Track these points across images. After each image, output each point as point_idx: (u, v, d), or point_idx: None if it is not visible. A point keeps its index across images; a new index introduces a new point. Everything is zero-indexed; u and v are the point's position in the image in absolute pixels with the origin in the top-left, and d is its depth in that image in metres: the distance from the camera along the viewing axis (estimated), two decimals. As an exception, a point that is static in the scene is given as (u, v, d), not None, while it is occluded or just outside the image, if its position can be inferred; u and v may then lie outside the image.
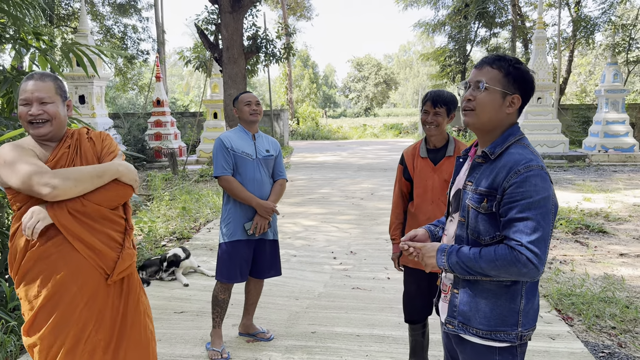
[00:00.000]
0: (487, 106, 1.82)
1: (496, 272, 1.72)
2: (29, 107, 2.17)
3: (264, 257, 3.70)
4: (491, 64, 1.83)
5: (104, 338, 2.23)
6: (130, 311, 2.34)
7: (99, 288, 2.21)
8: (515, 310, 1.81)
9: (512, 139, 1.84)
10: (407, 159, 3.16)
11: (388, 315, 4.28)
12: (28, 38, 4.77)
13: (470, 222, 1.84)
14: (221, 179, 3.54)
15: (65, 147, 2.25)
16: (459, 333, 1.88)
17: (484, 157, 1.86)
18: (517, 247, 1.68)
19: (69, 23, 22.87)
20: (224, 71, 12.16)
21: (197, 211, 8.60)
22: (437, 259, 1.85)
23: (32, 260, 2.12)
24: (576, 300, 4.46)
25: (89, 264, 2.19)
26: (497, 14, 25.28)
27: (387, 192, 10.58)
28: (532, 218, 1.68)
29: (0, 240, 4.48)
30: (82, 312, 2.17)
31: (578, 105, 22.79)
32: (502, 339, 1.81)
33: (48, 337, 2.13)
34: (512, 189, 1.72)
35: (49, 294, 2.12)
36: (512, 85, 1.82)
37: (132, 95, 39.04)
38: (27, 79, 2.20)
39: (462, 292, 1.87)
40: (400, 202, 3.21)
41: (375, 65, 59.73)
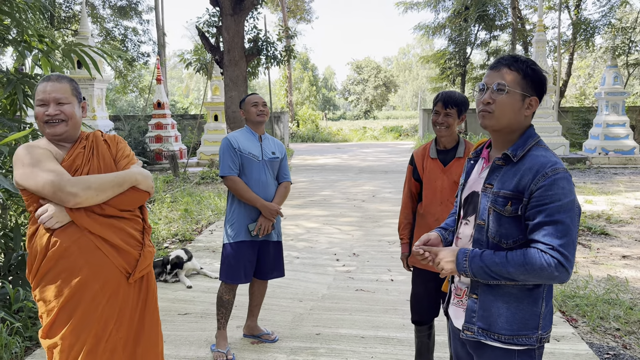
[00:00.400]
0: (508, 109, 1.80)
1: (525, 277, 1.70)
2: (45, 108, 2.19)
3: (268, 258, 3.70)
4: (509, 65, 1.81)
5: (124, 336, 2.24)
6: (149, 309, 2.36)
7: (119, 286, 2.23)
8: (536, 314, 1.79)
9: (531, 141, 1.83)
10: (416, 160, 3.16)
11: (392, 317, 4.28)
12: (31, 40, 4.78)
13: (492, 226, 1.81)
14: (227, 178, 3.54)
15: (80, 147, 2.26)
16: (479, 339, 1.84)
17: (504, 160, 1.83)
18: (548, 250, 1.66)
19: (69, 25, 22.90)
20: (225, 73, 12.17)
21: (198, 213, 8.60)
22: (458, 264, 1.81)
23: (53, 260, 2.12)
24: (580, 302, 4.46)
25: (110, 262, 2.20)
26: (497, 17, 25.32)
27: (388, 195, 10.59)
28: (562, 221, 1.67)
29: (4, 242, 4.48)
30: (103, 311, 2.18)
31: (578, 107, 22.83)
32: (523, 342, 1.79)
33: (69, 337, 2.13)
34: (540, 192, 1.70)
35: (71, 293, 2.13)
36: (530, 87, 1.81)
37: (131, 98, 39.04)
38: (44, 80, 2.22)
39: (482, 296, 1.84)
40: (409, 203, 3.22)
41: (375, 68, 59.86)
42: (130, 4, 25.30)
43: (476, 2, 24.10)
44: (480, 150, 2.04)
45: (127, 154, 2.39)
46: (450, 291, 2.06)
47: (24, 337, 3.77)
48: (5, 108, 4.91)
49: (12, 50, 4.97)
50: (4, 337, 3.50)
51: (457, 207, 2.07)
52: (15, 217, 5.51)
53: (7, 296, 4.13)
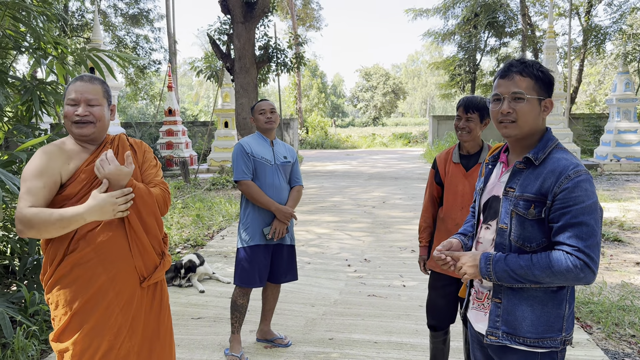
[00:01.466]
0: (529, 116, 1.81)
1: (551, 279, 1.70)
2: (75, 108, 2.17)
3: (282, 262, 3.72)
4: (520, 72, 1.81)
5: (137, 344, 2.23)
6: (162, 317, 2.36)
7: (134, 294, 2.22)
8: (560, 316, 1.80)
9: (551, 144, 1.84)
10: (439, 164, 3.15)
11: (405, 323, 4.27)
12: (47, 47, 4.85)
13: (515, 229, 1.81)
14: (241, 183, 3.58)
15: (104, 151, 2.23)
16: (505, 343, 1.83)
17: (525, 163, 1.84)
18: (574, 252, 1.67)
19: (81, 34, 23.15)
20: (235, 80, 12.25)
21: (210, 219, 8.64)
22: (481, 268, 1.81)
23: (70, 265, 2.11)
24: (594, 308, 4.43)
25: (127, 270, 2.20)
26: (507, 24, 25.32)
27: (399, 201, 10.58)
28: (587, 223, 1.68)
29: (20, 247, 4.54)
30: (117, 318, 2.17)
31: (589, 114, 22.71)
32: (548, 345, 1.79)
33: (81, 342, 2.11)
34: (564, 195, 1.70)
35: (86, 299, 2.12)
36: (543, 89, 1.83)
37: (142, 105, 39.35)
38: (76, 79, 2.21)
39: (506, 300, 1.83)
40: (430, 207, 3.21)
41: (384, 75, 59.85)
42: (141, 12, 25.55)
43: (486, 9, 24.13)
44: (498, 154, 2.04)
45: (155, 164, 2.41)
46: (468, 295, 2.06)
47: (39, 340, 3.80)
48: (21, 114, 4.98)
49: (28, 58, 5.05)
50: (21, 340, 3.53)
51: (476, 211, 2.07)
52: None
53: (23, 299, 4.17)
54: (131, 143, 2.39)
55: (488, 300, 1.91)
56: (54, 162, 2.13)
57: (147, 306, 2.29)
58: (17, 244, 4.46)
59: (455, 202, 3.01)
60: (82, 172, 2.17)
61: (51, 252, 2.15)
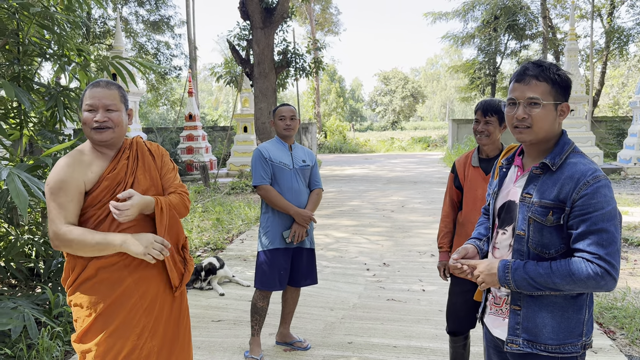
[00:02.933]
0: (545, 122, 1.78)
1: (571, 287, 1.68)
2: (94, 114, 2.18)
3: (301, 266, 3.74)
4: (537, 77, 1.77)
5: (157, 344, 2.26)
6: (182, 319, 2.40)
7: (157, 296, 2.27)
8: (581, 321, 1.78)
9: (568, 148, 1.81)
10: (458, 168, 3.13)
11: (425, 327, 4.25)
12: (71, 54, 4.96)
13: (533, 236, 1.79)
14: (260, 188, 3.61)
15: (124, 158, 2.27)
16: (526, 351, 1.81)
17: (542, 168, 1.81)
18: (594, 260, 1.64)
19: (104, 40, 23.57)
20: (254, 85, 12.34)
21: (229, 222, 8.70)
22: (500, 277, 1.78)
23: (95, 269, 2.15)
24: (618, 314, 4.36)
25: (151, 272, 2.24)
26: (528, 26, 25.06)
27: (418, 205, 10.53)
28: (606, 229, 1.65)
29: (44, 250, 4.63)
30: (140, 319, 2.21)
31: (612, 117, 22.34)
32: (570, 351, 1.77)
33: (104, 344, 2.15)
34: (583, 201, 1.68)
35: (111, 300, 2.15)
36: (560, 93, 1.80)
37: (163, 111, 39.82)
38: (93, 85, 2.22)
39: (525, 307, 1.82)
40: (450, 211, 3.18)
41: (402, 78, 59.71)
42: (162, 18, 25.91)
43: (506, 11, 23.93)
44: (512, 157, 2.01)
45: (172, 167, 2.44)
46: (485, 300, 2.05)
47: (63, 341, 3.87)
48: (46, 120, 5.09)
49: (52, 64, 5.17)
50: (45, 341, 3.60)
51: (490, 215, 2.04)
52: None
53: (47, 301, 4.26)
54: (149, 147, 2.41)
55: (506, 305, 1.88)
56: (77, 173, 2.15)
57: (168, 308, 2.32)
58: (42, 247, 4.55)
59: (475, 206, 2.99)
60: (104, 180, 2.19)
61: (74, 256, 2.18)
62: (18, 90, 4.09)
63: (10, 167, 3.27)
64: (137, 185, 2.25)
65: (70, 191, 2.12)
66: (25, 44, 4.78)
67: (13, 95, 3.95)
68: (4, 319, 3.45)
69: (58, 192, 2.11)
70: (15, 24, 4.80)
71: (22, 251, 4.85)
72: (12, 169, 3.13)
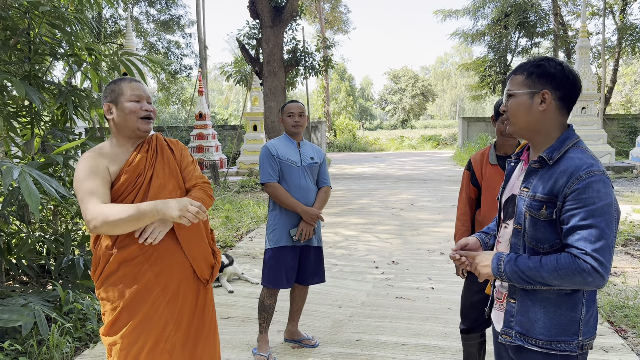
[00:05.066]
0: (517, 111, 1.82)
1: (559, 282, 1.67)
2: (141, 104, 2.28)
3: (309, 264, 3.73)
4: (515, 72, 1.85)
5: (182, 337, 2.30)
6: (207, 312, 2.43)
7: (179, 289, 2.30)
8: (576, 319, 1.75)
9: (569, 143, 1.79)
10: (475, 165, 3.07)
11: (433, 325, 4.23)
12: (81, 53, 4.99)
13: (528, 230, 1.79)
14: (267, 185, 3.60)
15: (143, 151, 2.32)
16: (517, 343, 1.82)
17: (540, 162, 1.80)
18: (581, 255, 1.63)
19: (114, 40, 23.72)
20: (264, 84, 12.37)
21: (239, 220, 8.73)
22: (493, 268, 1.80)
23: (117, 263, 2.19)
24: (629, 312, 4.31)
25: (171, 265, 2.27)
26: (539, 24, 24.87)
27: (427, 203, 10.50)
28: (596, 225, 1.62)
29: (55, 247, 4.67)
30: (163, 312, 2.24)
31: (624, 115, 22.11)
32: (562, 349, 1.76)
33: (129, 336, 2.20)
34: (574, 196, 1.66)
35: (133, 294, 2.19)
36: (537, 82, 1.79)
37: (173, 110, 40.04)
38: (130, 80, 2.31)
39: (519, 301, 1.82)
40: (467, 210, 3.12)
41: (412, 77, 59.50)
42: (173, 18, 26.04)
43: (516, 8, 23.76)
44: (521, 152, 2.01)
45: (192, 160, 2.49)
46: (493, 295, 2.05)
47: (73, 337, 3.91)
48: (56, 119, 5.13)
49: (63, 64, 5.21)
50: (55, 337, 3.64)
51: (498, 209, 2.05)
52: (66, 223, 5.74)
53: (58, 298, 4.29)
54: (168, 142, 2.47)
55: (506, 301, 1.89)
56: (101, 163, 2.22)
57: (192, 301, 2.36)
58: (53, 245, 4.59)
59: (494, 204, 2.91)
60: (124, 173, 2.24)
61: (99, 251, 2.24)
62: (29, 88, 4.13)
63: (22, 165, 3.30)
64: (155, 177, 2.30)
65: (98, 177, 2.17)
66: (36, 43, 4.82)
67: (24, 94, 3.99)
68: (14, 315, 3.49)
69: (86, 179, 2.15)
70: (26, 23, 4.84)
71: (33, 248, 4.90)
72: (24, 167, 3.15)
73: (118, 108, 2.27)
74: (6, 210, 4.37)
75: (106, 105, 2.30)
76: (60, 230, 5.31)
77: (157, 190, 2.27)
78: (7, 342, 3.50)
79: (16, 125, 4.73)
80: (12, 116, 4.60)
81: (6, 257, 4.44)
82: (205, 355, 2.40)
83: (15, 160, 4.80)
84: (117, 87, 2.28)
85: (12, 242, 4.74)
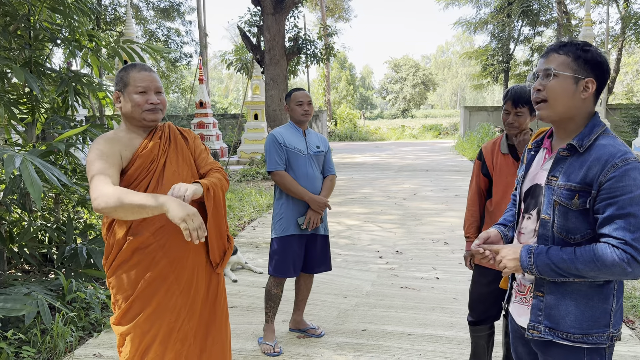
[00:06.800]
0: (560, 94, 1.71)
1: (595, 274, 1.61)
2: (146, 96, 2.23)
3: (315, 252, 3.69)
4: (557, 50, 1.73)
5: (194, 326, 2.28)
6: (219, 300, 2.40)
7: (192, 277, 2.27)
8: (607, 311, 1.70)
9: (598, 130, 1.72)
10: (486, 155, 3.01)
11: (439, 315, 4.20)
12: (82, 39, 4.92)
13: (558, 220, 1.71)
14: (275, 174, 3.55)
15: (156, 137, 2.29)
16: (547, 338, 1.76)
17: (569, 150, 1.73)
18: (620, 245, 1.56)
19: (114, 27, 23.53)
20: (265, 72, 12.27)
21: (241, 210, 8.70)
22: (522, 261, 1.71)
23: (130, 251, 2.16)
24: (637, 303, 4.28)
25: (185, 254, 2.23)
26: (542, 12, 24.69)
27: (430, 193, 10.46)
28: (635, 214, 1.56)
29: (57, 236, 4.63)
30: (176, 301, 2.22)
31: (627, 104, 22.01)
32: (594, 341, 1.70)
33: (142, 325, 2.17)
34: (610, 184, 1.59)
35: (146, 283, 2.16)
36: (584, 68, 1.70)
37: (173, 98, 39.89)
38: (140, 69, 2.25)
39: (548, 294, 1.75)
40: (476, 200, 3.06)
41: (413, 66, 59.25)
42: (172, 5, 25.81)
43: (519, -3, 23.57)
44: (541, 140, 1.93)
45: (204, 148, 2.47)
46: (510, 289, 1.99)
47: (77, 326, 3.88)
48: (57, 106, 5.07)
49: (63, 50, 5.13)
50: (59, 327, 3.61)
51: (517, 200, 1.97)
52: (68, 211, 5.70)
53: (61, 287, 4.26)
54: (181, 131, 2.44)
55: (531, 293, 1.83)
56: (114, 147, 2.19)
57: (204, 289, 2.33)
58: (55, 233, 4.55)
59: (505, 194, 2.86)
60: (137, 158, 2.22)
61: (112, 238, 2.20)
62: (28, 75, 4.06)
63: (23, 153, 3.25)
64: (169, 164, 2.28)
65: (109, 159, 2.14)
66: (36, 29, 4.74)
67: (23, 79, 3.93)
68: (17, 304, 3.45)
69: (98, 160, 2.12)
70: (27, 9, 4.76)
71: (36, 237, 4.86)
72: (26, 156, 3.10)
73: (125, 98, 2.25)
74: (8, 199, 4.32)
75: (115, 93, 2.28)
76: (62, 218, 5.27)
77: (172, 177, 2.25)
78: (11, 332, 3.47)
79: (16, 113, 4.67)
80: (13, 103, 4.53)
81: (8, 245, 4.40)
82: (216, 344, 2.38)
83: (17, 148, 4.74)
84: (126, 76, 2.25)
85: (14, 231, 4.69)
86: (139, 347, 2.19)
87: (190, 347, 2.26)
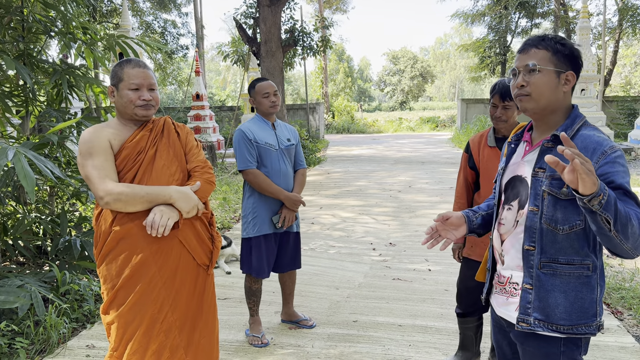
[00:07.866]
0: (544, 88, 1.74)
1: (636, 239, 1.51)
2: (138, 93, 2.26)
3: (287, 250, 3.66)
4: (536, 45, 1.76)
5: (179, 318, 2.30)
6: (207, 295, 2.43)
7: (176, 269, 2.30)
8: (594, 300, 1.73)
9: (579, 121, 1.77)
10: (473, 148, 3.03)
11: (430, 306, 4.25)
12: (76, 32, 4.92)
13: (547, 211, 1.73)
14: (246, 172, 3.41)
15: (146, 130, 2.33)
16: (537, 331, 1.77)
17: (554, 141, 1.76)
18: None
19: (110, 19, 23.42)
20: (261, 65, 12.26)
21: (236, 202, 8.72)
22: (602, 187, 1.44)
23: (115, 240, 2.20)
24: (626, 294, 4.33)
25: (169, 245, 2.27)
26: (539, 4, 24.64)
27: (425, 185, 10.49)
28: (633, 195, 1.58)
29: (51, 228, 4.65)
30: (160, 292, 2.24)
31: (623, 97, 22.02)
32: (584, 332, 1.73)
33: (126, 315, 2.21)
34: (604, 169, 1.62)
35: (130, 272, 2.20)
36: (563, 62, 1.75)
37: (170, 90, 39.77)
38: (134, 65, 2.29)
39: (537, 287, 1.77)
40: (464, 193, 3.08)
41: (411, 58, 59.07)
42: (169, -4, 25.69)
43: (517, -11, 23.50)
44: (521, 133, 1.97)
45: (196, 145, 2.50)
46: (491, 280, 2.02)
47: (70, 318, 3.91)
48: (52, 98, 5.08)
49: (57, 42, 5.13)
50: (52, 318, 3.64)
51: (497, 192, 2.00)
52: (62, 204, 5.72)
53: (54, 279, 4.29)
54: (176, 126, 2.48)
55: (510, 284, 1.86)
56: (103, 136, 2.25)
57: (190, 282, 2.35)
58: (49, 225, 4.58)
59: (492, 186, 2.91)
60: (124, 149, 2.26)
61: (99, 228, 2.25)
62: (20, 66, 4.07)
63: (16, 146, 3.26)
64: (159, 157, 2.32)
65: (101, 152, 2.20)
66: (29, 21, 4.74)
67: (14, 68, 3.95)
68: (11, 296, 3.48)
69: (90, 155, 2.18)
70: (20, 1, 4.76)
71: (30, 229, 4.89)
72: (19, 148, 3.12)
73: (118, 93, 2.29)
74: (1, 191, 4.34)
75: (110, 88, 2.33)
76: (57, 211, 5.29)
77: (160, 171, 2.29)
78: (4, 323, 3.50)
79: (10, 105, 4.68)
80: (7, 96, 4.54)
81: (2, 237, 4.43)
82: (204, 338, 2.40)
83: (10, 140, 4.75)
84: (120, 71, 2.28)
85: (8, 223, 4.72)
86: (123, 337, 2.23)
87: (175, 339, 2.28)
